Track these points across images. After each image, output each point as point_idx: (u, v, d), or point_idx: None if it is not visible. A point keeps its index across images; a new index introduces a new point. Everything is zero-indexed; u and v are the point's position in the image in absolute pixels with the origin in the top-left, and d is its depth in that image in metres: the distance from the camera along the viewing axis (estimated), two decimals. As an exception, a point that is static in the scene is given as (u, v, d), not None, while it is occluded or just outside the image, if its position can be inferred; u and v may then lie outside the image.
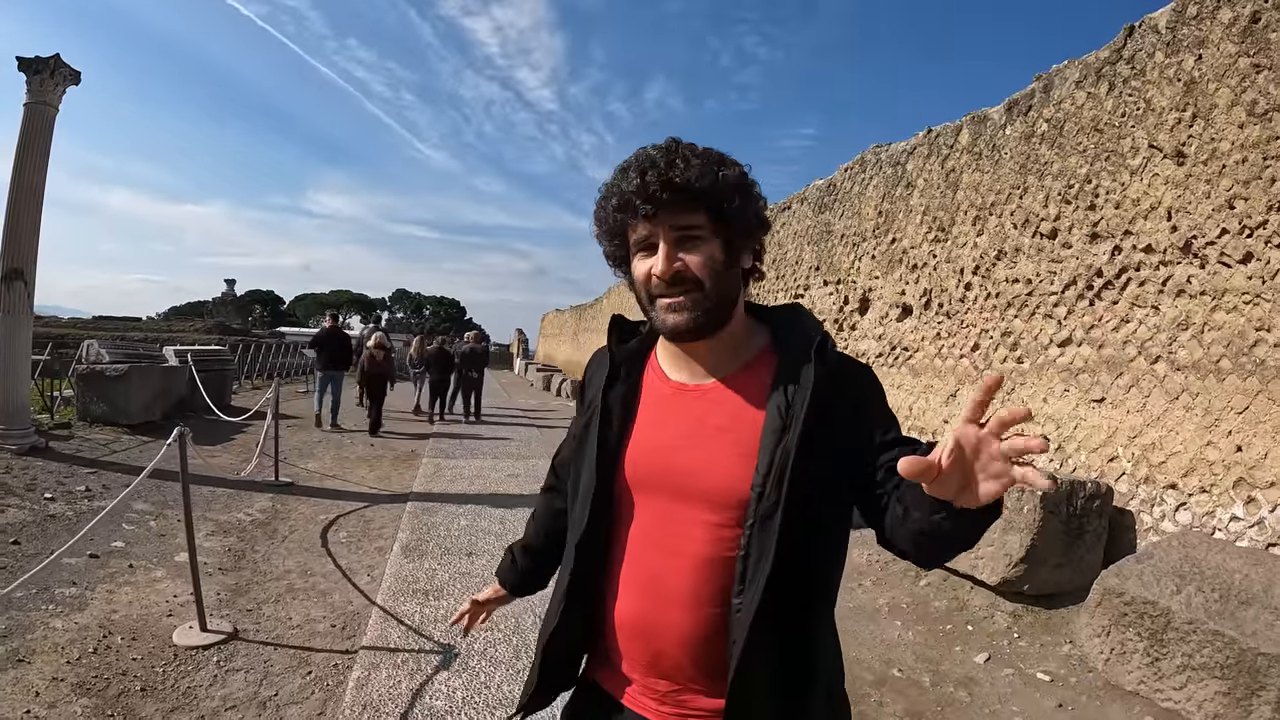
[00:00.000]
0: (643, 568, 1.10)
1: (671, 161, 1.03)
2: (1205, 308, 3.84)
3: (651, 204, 1.02)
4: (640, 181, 1.03)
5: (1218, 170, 3.78)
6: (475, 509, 5.99)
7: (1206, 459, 3.76)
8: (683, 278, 1.04)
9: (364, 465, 7.81)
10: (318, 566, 4.37)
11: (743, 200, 1.06)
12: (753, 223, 1.09)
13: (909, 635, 3.75)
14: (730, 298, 1.08)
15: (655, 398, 1.16)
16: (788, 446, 0.99)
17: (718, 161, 1.05)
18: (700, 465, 1.07)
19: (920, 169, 6.03)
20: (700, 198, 1.03)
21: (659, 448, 1.11)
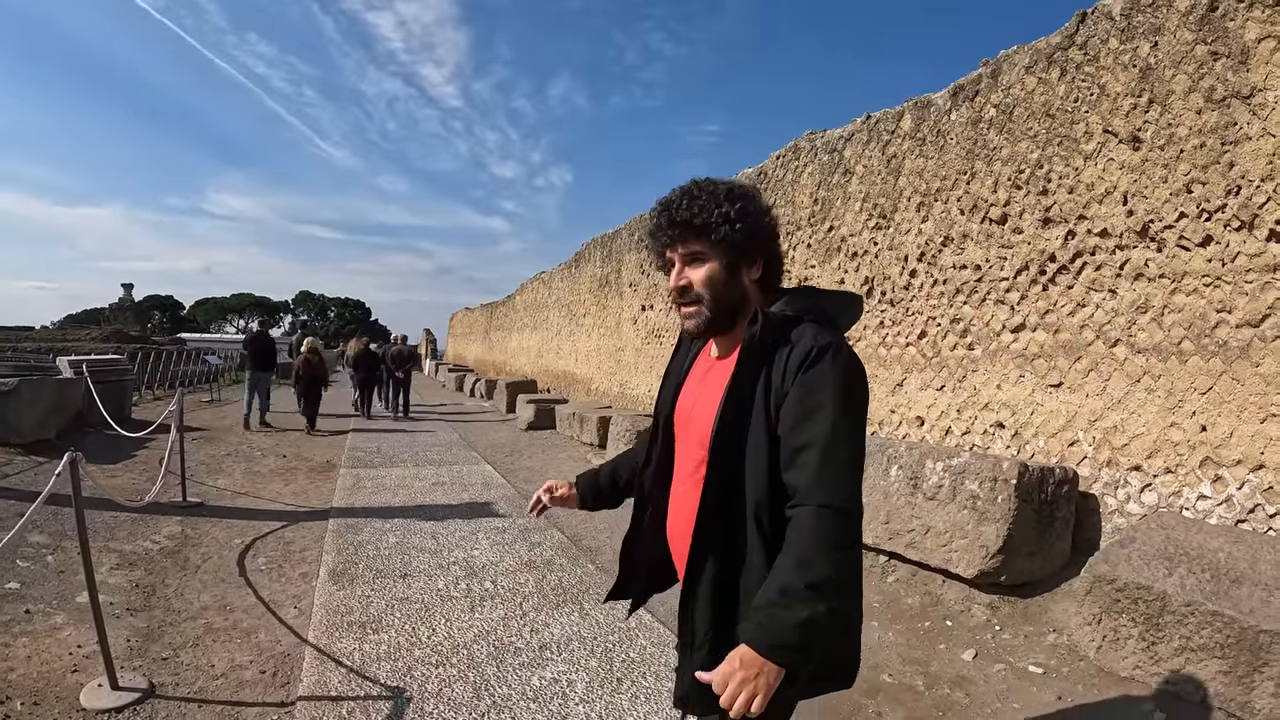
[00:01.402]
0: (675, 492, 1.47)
1: (682, 203, 1.34)
2: (1165, 290, 3.88)
3: (666, 236, 1.38)
4: (658, 220, 1.39)
5: (1175, 155, 3.82)
6: (403, 524, 5.41)
7: (1171, 440, 3.81)
8: (687, 291, 1.37)
9: (278, 479, 7.06)
10: (237, 600, 3.77)
11: (736, 229, 1.33)
12: (746, 244, 1.35)
13: (889, 636, 3.57)
14: (733, 302, 1.37)
15: (699, 367, 1.51)
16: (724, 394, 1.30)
17: (721, 198, 1.33)
18: (698, 416, 1.41)
19: (859, 155, 5.94)
20: (701, 230, 1.33)
21: (689, 402, 1.47)
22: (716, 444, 1.29)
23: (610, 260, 13.05)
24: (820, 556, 1.12)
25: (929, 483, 3.93)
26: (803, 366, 1.23)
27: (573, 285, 15.86)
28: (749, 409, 1.28)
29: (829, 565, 1.12)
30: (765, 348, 1.28)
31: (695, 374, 1.50)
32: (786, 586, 1.11)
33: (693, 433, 1.43)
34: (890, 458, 4.19)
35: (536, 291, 19.92)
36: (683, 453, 1.47)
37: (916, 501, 3.98)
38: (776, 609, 1.10)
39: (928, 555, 3.87)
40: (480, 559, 4.59)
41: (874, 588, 4.08)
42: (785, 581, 1.12)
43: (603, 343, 13.50)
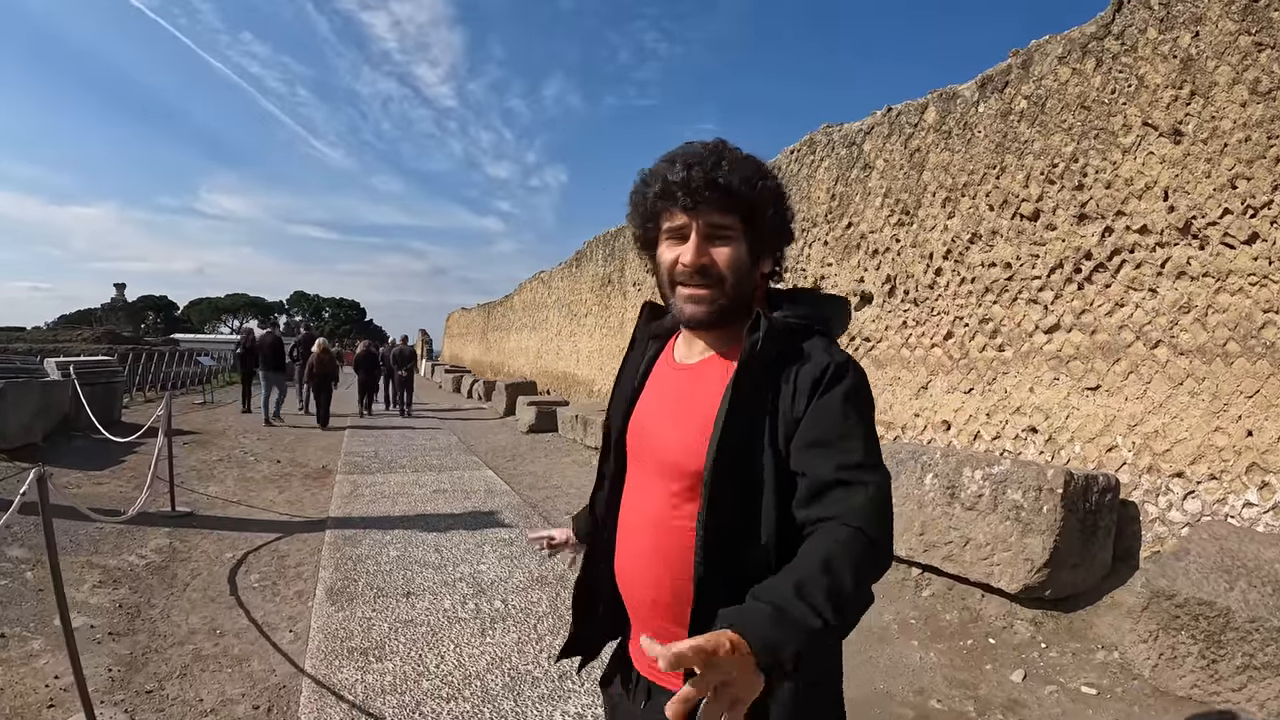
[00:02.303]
0: (627, 526, 1.20)
1: (718, 162, 1.08)
2: (1208, 290, 3.72)
3: (693, 198, 1.08)
4: (686, 174, 1.08)
5: (1219, 149, 3.65)
6: (404, 535, 5.19)
7: (1215, 445, 3.64)
8: (708, 271, 1.10)
9: (272, 486, 6.83)
10: (228, 622, 3.55)
11: (775, 211, 1.14)
12: (781, 233, 1.17)
13: (931, 657, 3.39)
14: (745, 296, 1.14)
15: (659, 374, 1.25)
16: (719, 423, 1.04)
17: (759, 171, 1.12)
18: (665, 435, 1.15)
19: (879, 149, 5.76)
20: (738, 201, 1.09)
21: (646, 419, 1.21)
22: (716, 482, 1.03)
23: (613, 259, 12.85)
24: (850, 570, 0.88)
25: (967, 492, 3.76)
26: (820, 387, 1.03)
27: (574, 285, 15.66)
28: (754, 435, 1.05)
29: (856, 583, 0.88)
30: (766, 361, 1.07)
31: (653, 384, 1.24)
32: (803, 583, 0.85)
33: (654, 457, 1.16)
34: (924, 465, 4.01)
35: (536, 291, 19.69)
36: (640, 479, 1.20)
37: (954, 512, 3.80)
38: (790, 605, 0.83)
39: (967, 569, 3.70)
40: (488, 574, 4.37)
41: (909, 603, 3.90)
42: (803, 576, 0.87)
43: (605, 343, 13.31)
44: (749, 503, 1.05)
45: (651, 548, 1.14)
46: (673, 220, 1.12)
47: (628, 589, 1.19)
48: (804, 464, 1.00)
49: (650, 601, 1.14)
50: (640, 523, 1.17)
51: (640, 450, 1.21)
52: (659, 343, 1.30)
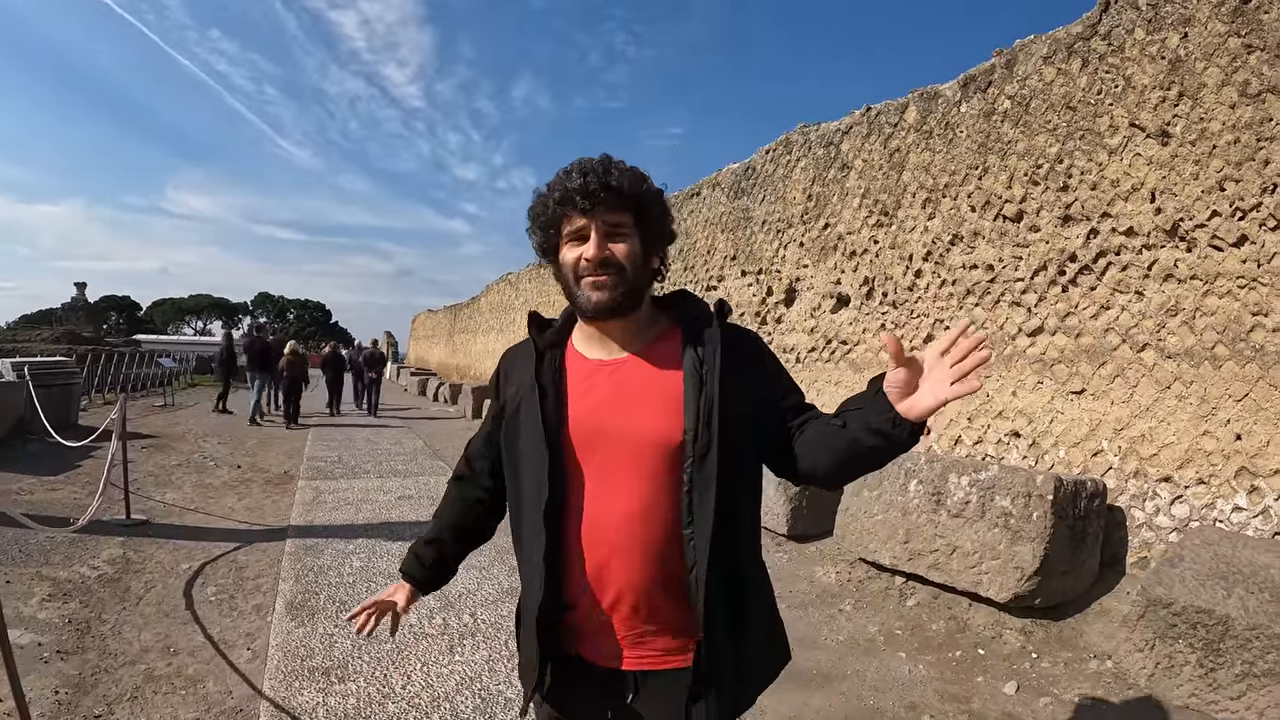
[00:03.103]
0: (592, 523, 1.22)
1: (609, 169, 1.23)
2: (1196, 293, 3.67)
3: (589, 200, 1.21)
4: (582, 181, 1.21)
5: (1207, 151, 3.61)
6: (368, 544, 4.93)
7: (1203, 449, 3.59)
8: (609, 262, 1.22)
9: (231, 493, 6.52)
10: (183, 639, 3.31)
11: (660, 211, 1.29)
12: (665, 231, 1.32)
13: (920, 669, 3.26)
14: (642, 286, 1.26)
15: (579, 374, 1.30)
16: (710, 395, 1.18)
17: (643, 177, 1.27)
18: (628, 423, 1.22)
19: (858, 149, 5.67)
20: (629, 200, 1.23)
21: (591, 413, 1.25)
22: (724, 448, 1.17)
23: (582, 261, 12.63)
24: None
25: (954, 499, 3.65)
26: (767, 357, 1.31)
27: (541, 286, 15.41)
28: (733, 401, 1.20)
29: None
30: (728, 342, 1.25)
31: (576, 383, 1.29)
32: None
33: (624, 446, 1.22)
34: (908, 471, 3.90)
35: (503, 293, 19.38)
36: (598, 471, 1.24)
37: (940, 519, 3.69)
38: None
39: (954, 578, 3.59)
40: (455, 586, 4.13)
41: (893, 612, 3.78)
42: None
43: (574, 346, 13.07)
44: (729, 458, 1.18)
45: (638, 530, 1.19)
46: (572, 224, 1.23)
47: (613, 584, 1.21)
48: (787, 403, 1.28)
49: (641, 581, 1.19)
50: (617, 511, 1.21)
51: (596, 445, 1.24)
52: (556, 350, 1.35)
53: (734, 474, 1.20)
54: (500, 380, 1.39)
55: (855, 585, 4.13)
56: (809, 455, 1.20)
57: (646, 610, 1.19)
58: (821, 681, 3.11)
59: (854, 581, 4.17)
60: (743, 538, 1.26)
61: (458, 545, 1.47)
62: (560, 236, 1.26)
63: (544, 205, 1.27)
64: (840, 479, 1.25)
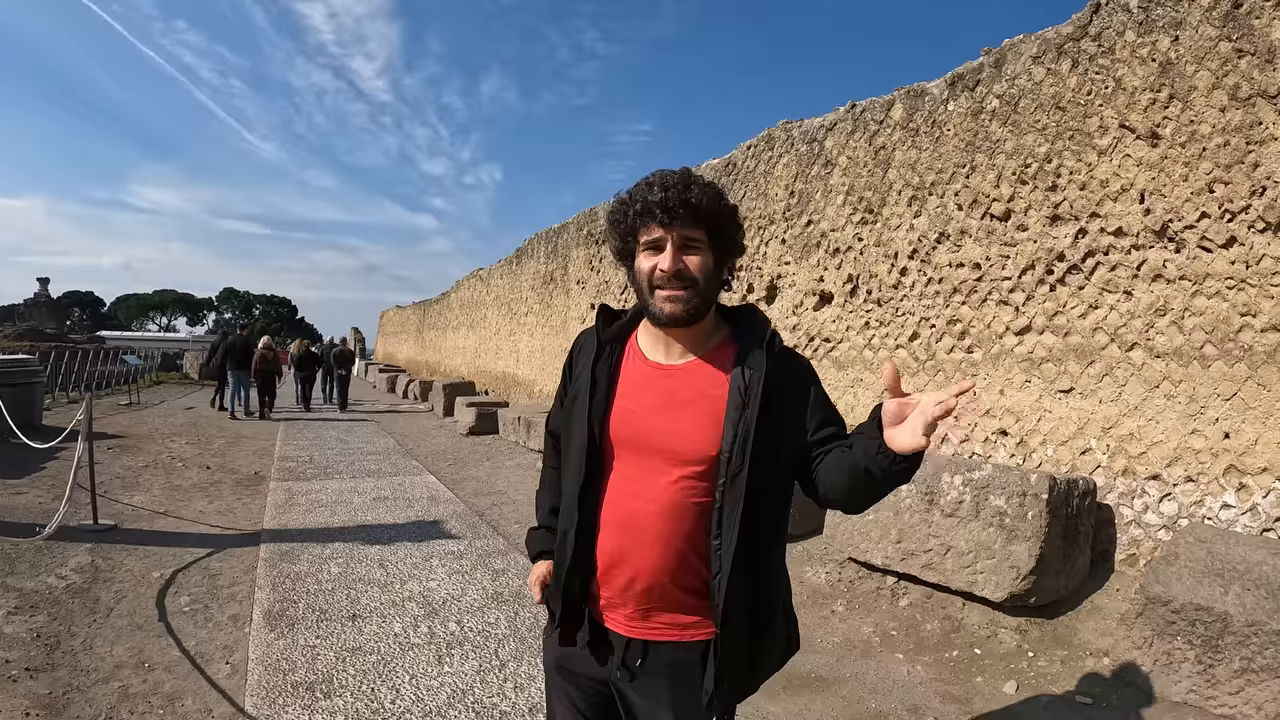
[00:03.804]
0: (621, 510, 1.34)
1: (689, 185, 1.30)
2: (1185, 293, 3.70)
3: (669, 214, 1.29)
4: (663, 195, 1.29)
5: (1197, 153, 3.64)
6: (346, 549, 4.77)
7: (1192, 447, 3.63)
8: (684, 275, 1.30)
9: (201, 495, 6.30)
10: (157, 653, 3.17)
11: (734, 228, 1.37)
12: (736, 246, 1.39)
13: (919, 670, 3.24)
14: (712, 298, 1.35)
15: (635, 372, 1.40)
16: (748, 421, 1.26)
17: (720, 195, 1.34)
18: (671, 429, 1.32)
19: (843, 146, 5.64)
20: (706, 218, 1.31)
21: (636, 413, 1.36)
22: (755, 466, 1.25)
23: (555, 256, 12.47)
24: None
25: (947, 498, 3.63)
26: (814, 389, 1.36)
27: (514, 282, 15.19)
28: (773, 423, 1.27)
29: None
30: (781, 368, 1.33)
31: (631, 383, 1.39)
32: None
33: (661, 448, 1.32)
34: (902, 470, 3.87)
35: (474, 289, 19.07)
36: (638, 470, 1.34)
37: (933, 519, 3.67)
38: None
39: (948, 577, 3.57)
40: (439, 592, 4.02)
41: (886, 613, 3.75)
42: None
43: (547, 343, 12.91)
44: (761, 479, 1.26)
45: (663, 527, 1.29)
46: (650, 234, 1.31)
47: (633, 567, 1.32)
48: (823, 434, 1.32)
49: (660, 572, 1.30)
50: (642, 509, 1.31)
51: (638, 443, 1.34)
52: (618, 345, 1.44)
53: (764, 495, 1.28)
54: (570, 364, 1.51)
55: (846, 586, 4.10)
56: (827, 481, 1.27)
57: (659, 595, 1.31)
58: (821, 685, 3.06)
59: (845, 582, 4.14)
60: (768, 549, 1.36)
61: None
62: (637, 244, 1.35)
63: (624, 213, 1.35)
64: (857, 506, 1.31)
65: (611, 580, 1.34)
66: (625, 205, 1.35)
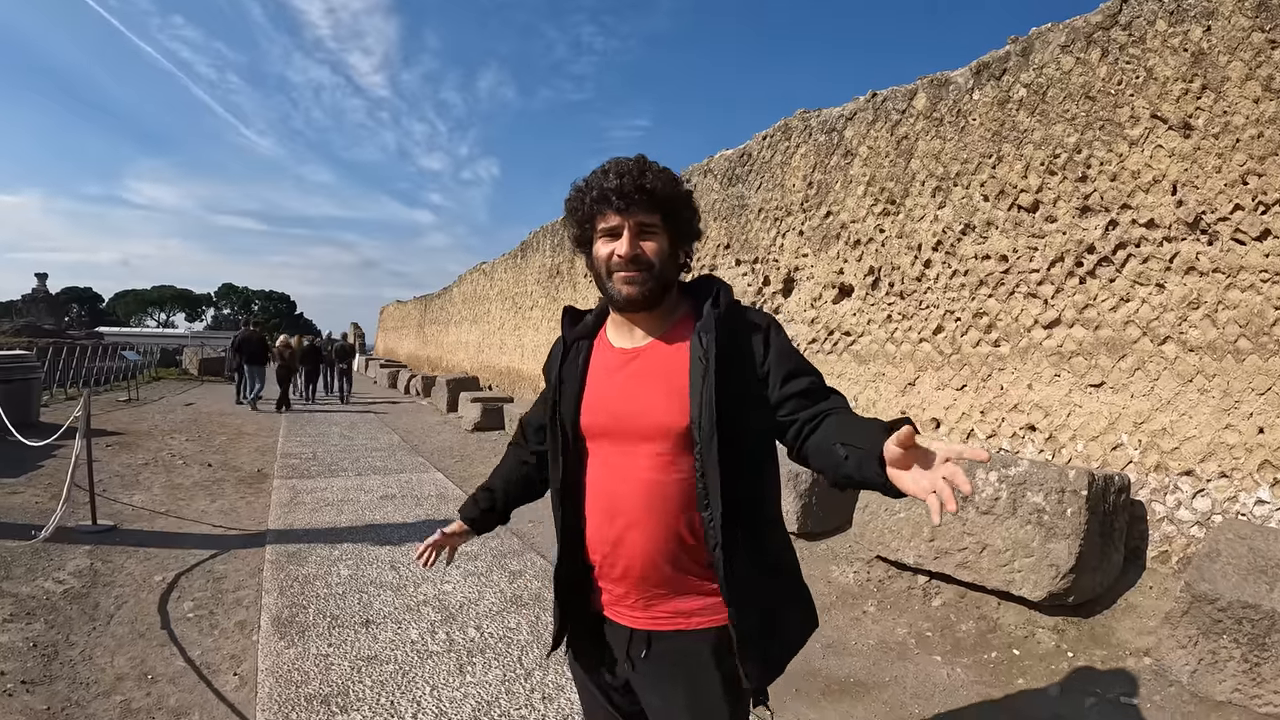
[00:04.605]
0: (604, 497, 1.35)
1: (644, 171, 1.32)
2: (1218, 286, 3.65)
3: (625, 200, 1.30)
4: (618, 182, 1.30)
5: (1230, 144, 3.58)
6: (355, 550, 4.68)
7: (1226, 443, 3.58)
8: (639, 259, 1.32)
9: (203, 494, 6.19)
10: (161, 664, 3.07)
11: (689, 213, 1.40)
12: (692, 230, 1.42)
13: (958, 673, 3.18)
14: (669, 280, 1.37)
15: (602, 363, 1.42)
16: (710, 382, 1.24)
17: (675, 180, 1.36)
18: (639, 409, 1.32)
19: (863, 136, 5.57)
20: (661, 203, 1.32)
21: (605, 400, 1.37)
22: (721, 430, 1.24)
23: (562, 249, 12.37)
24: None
25: (982, 495, 3.58)
26: (770, 340, 1.32)
27: (518, 276, 15.08)
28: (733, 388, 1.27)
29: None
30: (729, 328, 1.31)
31: (605, 370, 1.40)
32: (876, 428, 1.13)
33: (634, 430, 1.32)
34: (933, 466, 3.82)
35: (477, 283, 18.94)
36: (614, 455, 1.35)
37: (968, 516, 3.62)
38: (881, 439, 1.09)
39: (984, 576, 3.52)
40: (455, 596, 3.92)
41: (920, 613, 3.70)
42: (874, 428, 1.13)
43: (553, 337, 12.72)
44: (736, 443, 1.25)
45: (647, 506, 1.29)
46: (607, 221, 1.33)
47: (625, 553, 1.32)
48: (793, 388, 1.28)
49: (652, 554, 1.29)
50: (628, 490, 1.31)
51: (611, 429, 1.35)
52: (587, 341, 1.45)
53: (742, 457, 1.27)
54: (548, 368, 1.51)
55: (876, 585, 4.05)
56: (818, 461, 1.24)
57: (657, 578, 1.31)
58: (861, 690, 3.00)
59: (874, 581, 4.09)
60: (762, 514, 1.36)
61: (508, 494, 1.65)
62: (595, 231, 1.35)
63: (581, 201, 1.35)
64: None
65: (609, 571, 1.35)
66: (582, 193, 1.35)
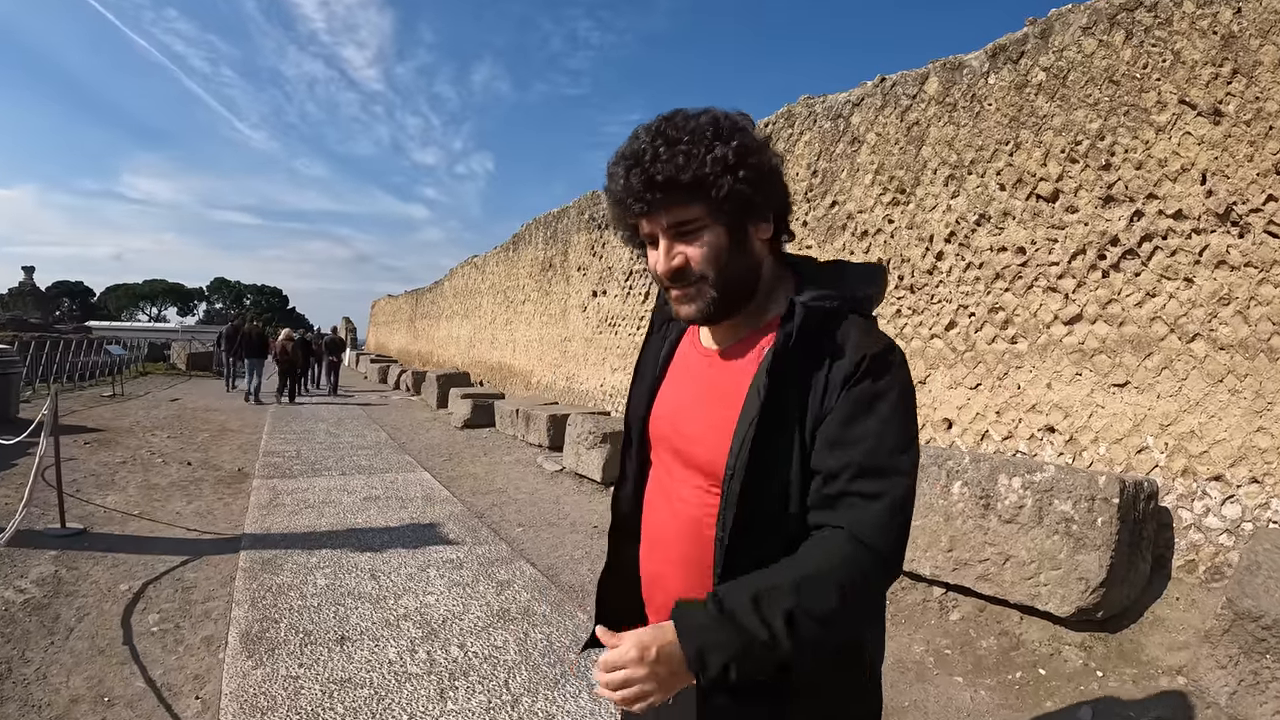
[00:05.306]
0: (652, 521, 1.16)
1: (656, 154, 0.97)
2: (1250, 281, 3.45)
3: (642, 204, 1.00)
4: (626, 182, 1.00)
5: (1263, 132, 3.37)
6: (334, 556, 4.45)
7: (1257, 446, 3.39)
8: (685, 273, 1.02)
9: (179, 495, 5.95)
10: (120, 684, 2.86)
11: (740, 177, 0.98)
12: (755, 196, 1.00)
13: (983, 695, 2.98)
14: (742, 279, 1.05)
15: (683, 360, 1.18)
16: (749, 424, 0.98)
17: (709, 137, 0.97)
18: (696, 433, 1.08)
19: (871, 122, 5.35)
20: (689, 188, 0.97)
21: (673, 408, 1.14)
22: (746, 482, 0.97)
23: (555, 242, 12.11)
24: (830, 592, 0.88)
25: (1005, 502, 3.38)
26: (852, 379, 0.96)
27: (510, 269, 14.81)
28: (785, 434, 0.98)
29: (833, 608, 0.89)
30: (798, 352, 0.99)
31: (678, 370, 1.18)
32: (764, 594, 0.89)
33: (685, 452, 1.10)
34: (950, 472, 3.61)
35: (468, 277, 18.64)
36: (665, 474, 1.15)
37: (989, 525, 3.41)
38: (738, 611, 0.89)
39: (1007, 590, 3.31)
40: (438, 609, 3.67)
41: (937, 628, 3.50)
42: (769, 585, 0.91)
43: (545, 332, 12.58)
44: (772, 507, 0.99)
45: (681, 551, 1.09)
46: (642, 227, 1.06)
47: (652, 590, 1.17)
48: (820, 463, 0.96)
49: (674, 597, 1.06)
50: (668, 523, 1.12)
51: (667, 444, 1.14)
52: (679, 325, 1.21)
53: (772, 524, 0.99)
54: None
55: (889, 597, 3.83)
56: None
57: None
58: (880, 713, 2.81)
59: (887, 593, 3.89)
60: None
61: None
62: (632, 236, 1.10)
63: (610, 207, 1.09)
64: None
65: (651, 599, 1.18)
66: (607, 194, 1.08)
